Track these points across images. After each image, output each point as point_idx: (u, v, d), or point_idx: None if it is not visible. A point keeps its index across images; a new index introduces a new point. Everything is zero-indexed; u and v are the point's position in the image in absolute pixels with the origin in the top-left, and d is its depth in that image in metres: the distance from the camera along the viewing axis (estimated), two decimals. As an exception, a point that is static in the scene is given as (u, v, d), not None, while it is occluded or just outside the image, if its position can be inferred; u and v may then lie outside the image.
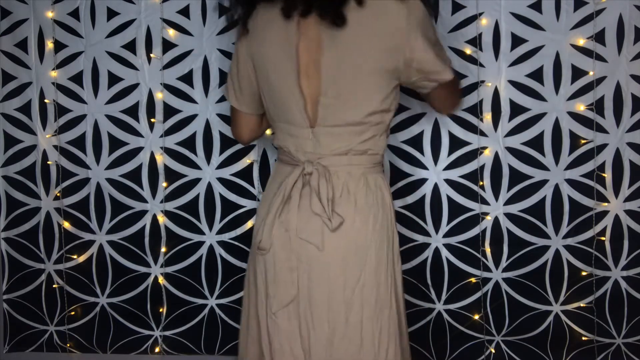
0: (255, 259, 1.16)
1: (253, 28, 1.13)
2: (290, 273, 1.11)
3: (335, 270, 1.10)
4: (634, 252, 1.53)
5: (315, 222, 1.09)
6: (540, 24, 1.47)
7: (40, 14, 1.59)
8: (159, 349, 1.67)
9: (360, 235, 1.10)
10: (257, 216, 1.19)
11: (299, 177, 1.11)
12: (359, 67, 1.07)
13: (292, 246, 1.10)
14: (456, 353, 1.59)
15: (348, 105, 1.08)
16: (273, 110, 1.15)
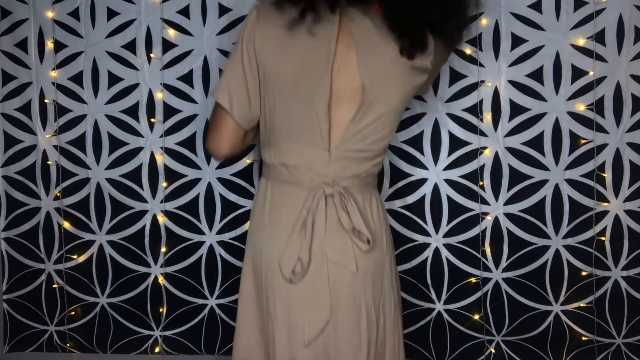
0: (269, 288, 1.11)
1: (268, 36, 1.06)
2: (321, 299, 1.08)
3: (365, 291, 1.10)
4: (634, 252, 1.53)
5: (346, 244, 1.08)
6: (540, 24, 1.47)
7: (40, 14, 1.59)
8: (159, 349, 1.67)
9: (380, 251, 1.12)
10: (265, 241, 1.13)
11: (321, 199, 1.08)
12: (392, 101, 1.08)
13: (322, 272, 1.08)
14: (456, 353, 1.60)
15: (374, 135, 1.09)
16: (281, 129, 1.09)
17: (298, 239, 1.08)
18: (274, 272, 1.10)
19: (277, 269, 1.09)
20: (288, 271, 1.07)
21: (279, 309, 1.10)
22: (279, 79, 1.06)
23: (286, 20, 1.03)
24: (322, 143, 1.08)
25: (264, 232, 1.13)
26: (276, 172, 1.13)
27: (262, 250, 1.13)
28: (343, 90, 1.06)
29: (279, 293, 1.10)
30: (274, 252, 1.10)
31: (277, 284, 1.10)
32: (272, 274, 1.11)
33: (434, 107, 1.53)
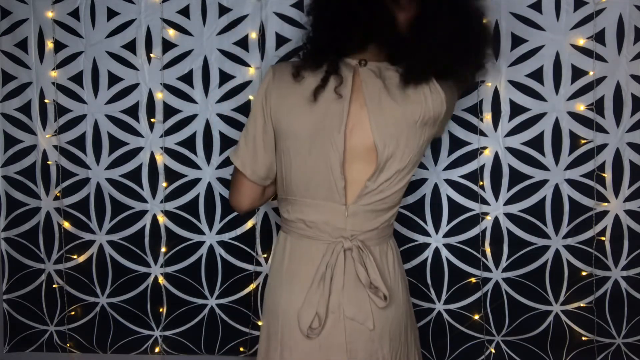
0: (285, 344, 1.10)
1: (283, 96, 1.09)
2: (339, 355, 1.08)
3: (383, 348, 1.10)
4: (634, 252, 1.53)
5: (363, 300, 1.08)
6: (540, 24, 1.47)
7: (40, 14, 1.59)
8: (159, 349, 1.67)
9: (397, 306, 1.12)
10: (283, 296, 1.12)
11: (340, 253, 1.08)
12: (406, 158, 1.09)
13: (339, 328, 1.07)
14: (456, 353, 1.60)
15: (390, 190, 1.10)
16: (298, 186, 1.10)
17: (316, 293, 1.07)
18: (292, 326, 1.09)
19: (295, 323, 1.09)
20: (306, 326, 1.07)
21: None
22: (294, 138, 1.08)
23: (307, 90, 1.07)
24: (339, 199, 1.09)
25: (283, 286, 1.13)
26: (295, 226, 1.13)
27: (279, 305, 1.12)
28: (358, 148, 1.07)
29: (296, 349, 1.09)
30: (292, 306, 1.10)
31: (294, 339, 1.09)
32: (290, 328, 1.10)
33: (434, 107, 1.53)
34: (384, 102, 1.06)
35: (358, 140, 1.07)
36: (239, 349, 1.65)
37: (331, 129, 1.06)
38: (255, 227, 1.61)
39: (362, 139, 1.07)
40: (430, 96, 1.07)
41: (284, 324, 1.11)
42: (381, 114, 1.06)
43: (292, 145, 1.09)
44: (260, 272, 1.62)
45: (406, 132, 1.07)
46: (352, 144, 1.07)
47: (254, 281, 1.62)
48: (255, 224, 1.61)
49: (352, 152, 1.07)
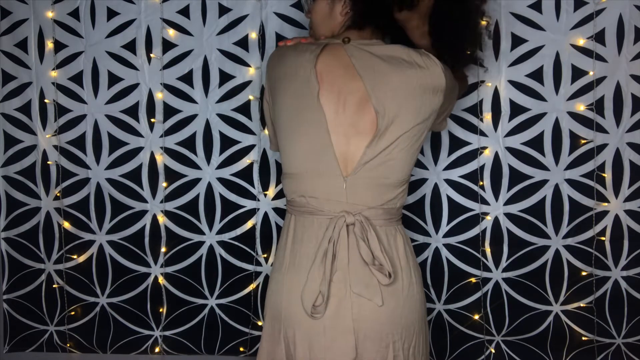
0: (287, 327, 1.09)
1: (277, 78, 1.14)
2: (346, 336, 1.05)
3: (393, 329, 1.07)
4: (634, 252, 1.53)
5: (370, 275, 1.06)
6: (540, 24, 1.47)
7: (40, 14, 1.59)
8: (159, 349, 1.67)
9: (410, 293, 1.10)
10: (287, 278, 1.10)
11: (342, 228, 1.07)
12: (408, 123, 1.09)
13: (346, 305, 1.05)
14: (456, 353, 1.60)
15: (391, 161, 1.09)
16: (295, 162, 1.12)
17: (319, 270, 1.06)
18: (296, 307, 1.08)
19: (298, 303, 1.07)
20: (309, 305, 1.05)
21: (299, 348, 1.08)
22: (284, 112, 1.12)
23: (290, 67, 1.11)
24: (336, 171, 1.08)
25: (285, 266, 1.12)
26: (297, 204, 1.13)
27: (283, 286, 1.11)
28: (356, 119, 1.08)
29: (300, 330, 1.08)
30: (295, 285, 1.08)
31: (297, 320, 1.08)
32: (294, 309, 1.08)
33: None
34: (377, 67, 1.08)
35: (358, 111, 1.08)
36: (239, 349, 1.65)
37: (309, 100, 1.08)
38: (255, 227, 1.61)
39: (362, 108, 1.08)
40: (424, 62, 1.09)
41: (287, 305, 1.09)
42: (377, 80, 1.07)
43: (284, 119, 1.12)
44: (260, 272, 1.62)
45: (406, 95, 1.07)
46: (347, 115, 1.08)
47: (254, 281, 1.62)
48: (255, 224, 1.61)
49: (349, 124, 1.08)
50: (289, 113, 1.11)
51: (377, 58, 1.10)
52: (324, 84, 1.08)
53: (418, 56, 1.10)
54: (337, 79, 1.08)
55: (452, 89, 1.14)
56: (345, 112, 1.08)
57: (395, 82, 1.08)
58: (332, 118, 1.07)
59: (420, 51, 1.11)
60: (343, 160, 1.08)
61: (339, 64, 1.10)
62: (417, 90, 1.08)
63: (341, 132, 1.08)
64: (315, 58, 1.09)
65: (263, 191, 1.60)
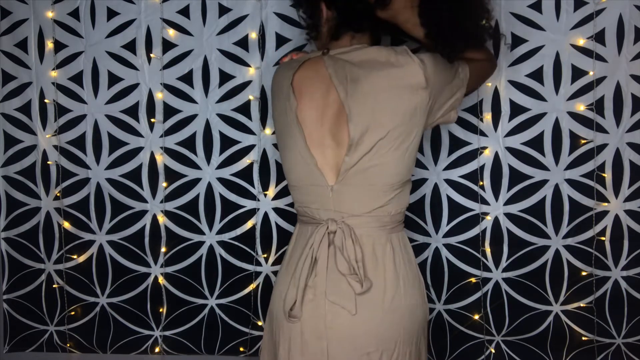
0: (277, 327, 1.12)
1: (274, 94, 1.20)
2: (319, 342, 1.06)
3: (368, 340, 1.06)
4: (634, 252, 1.53)
5: (346, 284, 1.06)
6: (540, 24, 1.47)
7: (40, 14, 1.59)
8: (159, 349, 1.67)
9: (393, 303, 1.07)
10: (281, 281, 1.15)
11: (324, 236, 1.08)
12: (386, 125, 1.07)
13: (320, 311, 1.06)
14: (456, 353, 1.60)
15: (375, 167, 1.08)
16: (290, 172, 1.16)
17: (301, 275, 1.08)
18: (279, 310, 1.12)
19: (280, 306, 1.12)
20: (287, 309, 1.09)
21: (281, 349, 1.11)
22: (277, 129, 1.19)
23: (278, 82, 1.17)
24: (321, 180, 1.11)
25: (282, 271, 1.18)
26: (300, 213, 1.19)
27: (276, 289, 1.16)
28: (337, 131, 1.09)
29: (282, 332, 1.11)
30: (283, 289, 1.13)
31: (281, 323, 1.11)
32: (280, 312, 1.12)
33: (434, 107, 1.53)
34: (350, 75, 1.08)
35: (334, 122, 1.09)
36: (239, 349, 1.65)
37: (290, 116, 1.12)
38: (255, 227, 1.61)
39: (338, 118, 1.09)
40: (399, 60, 1.07)
41: (277, 309, 1.13)
42: (350, 87, 1.07)
43: (277, 135, 1.19)
44: (260, 272, 1.62)
45: (377, 99, 1.06)
46: (326, 128, 1.10)
47: (254, 281, 1.62)
48: (255, 224, 1.61)
49: (330, 135, 1.09)
50: (279, 129, 1.17)
51: (351, 65, 1.09)
52: (304, 99, 1.11)
53: (393, 55, 1.08)
54: (315, 93, 1.11)
55: (443, 81, 1.11)
56: (324, 125, 1.10)
57: (366, 87, 1.06)
58: (312, 131, 1.10)
59: (397, 49, 1.09)
60: (328, 170, 1.10)
61: (318, 77, 1.11)
62: (390, 92, 1.06)
63: (323, 144, 1.10)
64: (292, 75, 1.13)
65: (263, 191, 1.60)
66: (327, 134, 1.10)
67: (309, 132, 1.10)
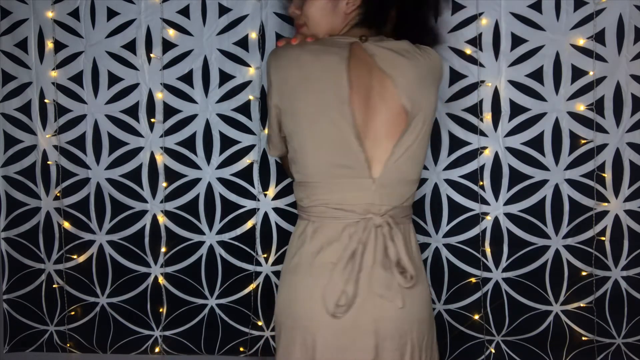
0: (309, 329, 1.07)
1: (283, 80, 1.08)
2: (366, 336, 1.05)
3: (412, 330, 1.08)
4: (634, 252, 1.53)
5: (392, 277, 1.06)
6: (540, 24, 1.47)
7: (40, 14, 1.59)
8: (159, 349, 1.67)
9: (423, 287, 1.12)
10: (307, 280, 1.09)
11: (369, 230, 1.06)
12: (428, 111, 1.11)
13: (367, 306, 1.05)
14: (456, 353, 1.60)
15: (414, 158, 1.10)
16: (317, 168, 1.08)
17: (344, 271, 1.05)
18: (316, 310, 1.07)
19: (319, 305, 1.06)
20: (332, 304, 1.05)
21: (319, 350, 1.07)
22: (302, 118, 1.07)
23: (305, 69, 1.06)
24: (364, 173, 1.07)
25: (303, 272, 1.10)
26: (316, 211, 1.11)
27: (302, 292, 1.10)
28: (386, 120, 1.07)
29: (320, 333, 1.07)
30: (316, 289, 1.07)
31: (317, 324, 1.07)
32: (314, 313, 1.07)
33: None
34: (397, 63, 1.08)
35: (384, 111, 1.07)
36: (239, 349, 1.65)
37: (338, 105, 1.05)
38: (255, 227, 1.61)
39: (389, 107, 1.07)
40: (427, 53, 1.12)
41: (308, 309, 1.08)
42: (401, 75, 1.07)
43: (305, 126, 1.07)
44: (260, 272, 1.62)
45: (422, 88, 1.09)
46: (376, 117, 1.06)
47: (254, 281, 1.62)
48: (255, 224, 1.61)
49: (378, 125, 1.07)
50: (312, 119, 1.06)
51: (394, 53, 1.08)
52: (353, 87, 1.05)
53: (417, 48, 1.12)
54: (363, 80, 1.06)
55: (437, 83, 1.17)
56: (374, 114, 1.06)
57: (410, 76, 1.08)
58: (361, 121, 1.06)
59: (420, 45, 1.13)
60: (372, 162, 1.07)
61: (362, 65, 1.07)
62: (426, 81, 1.10)
63: (370, 135, 1.06)
64: (347, 60, 1.06)
65: (263, 191, 1.60)
66: (375, 124, 1.06)
67: (356, 122, 1.05)
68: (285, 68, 1.07)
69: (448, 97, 1.52)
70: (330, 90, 1.05)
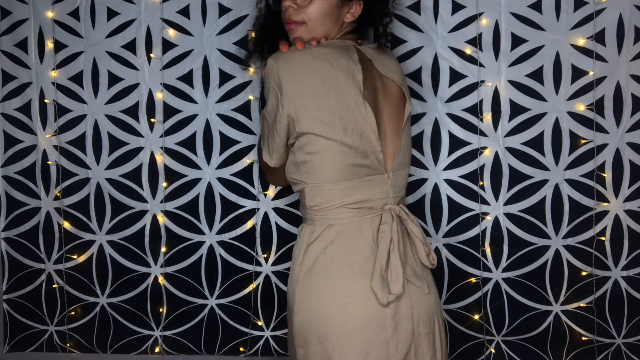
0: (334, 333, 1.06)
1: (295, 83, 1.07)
2: (405, 322, 1.08)
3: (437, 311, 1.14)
4: (634, 252, 1.53)
5: (415, 264, 1.12)
6: (540, 24, 1.47)
7: (40, 14, 1.59)
8: (159, 349, 1.67)
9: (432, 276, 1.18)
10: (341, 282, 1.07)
11: (392, 221, 1.10)
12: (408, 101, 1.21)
13: (404, 293, 1.07)
14: (456, 353, 1.59)
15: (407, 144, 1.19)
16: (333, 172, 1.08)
17: (386, 262, 1.07)
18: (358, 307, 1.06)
19: (367, 299, 1.05)
20: (384, 295, 1.05)
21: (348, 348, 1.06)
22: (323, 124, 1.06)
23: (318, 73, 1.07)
24: (381, 169, 1.12)
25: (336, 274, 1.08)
26: (336, 212, 1.10)
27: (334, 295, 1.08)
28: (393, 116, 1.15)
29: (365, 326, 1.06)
30: (356, 286, 1.07)
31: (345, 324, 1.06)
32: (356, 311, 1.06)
33: (434, 107, 1.53)
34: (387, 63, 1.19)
35: (390, 108, 1.14)
36: (239, 349, 1.65)
37: (356, 106, 1.07)
38: (255, 227, 1.61)
39: (394, 105, 1.15)
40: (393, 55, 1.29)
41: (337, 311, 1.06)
42: (395, 73, 1.18)
43: (320, 130, 1.06)
44: (260, 272, 1.62)
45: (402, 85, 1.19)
46: (380, 112, 1.12)
47: (254, 281, 1.62)
48: (255, 224, 1.61)
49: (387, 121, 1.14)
50: (332, 122, 1.06)
51: (383, 55, 1.19)
52: (366, 88, 1.10)
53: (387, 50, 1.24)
54: (370, 81, 1.12)
55: None
56: (382, 112, 1.13)
57: (400, 73, 1.20)
58: (376, 120, 1.10)
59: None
60: (386, 158, 1.13)
61: (367, 66, 1.13)
62: (404, 79, 1.22)
63: (381, 133, 1.12)
64: (359, 63, 1.10)
65: (263, 191, 1.60)
66: (381, 122, 1.12)
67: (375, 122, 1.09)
68: (300, 77, 1.06)
69: (448, 97, 1.52)
70: (347, 91, 1.07)
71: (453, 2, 1.48)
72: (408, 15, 1.50)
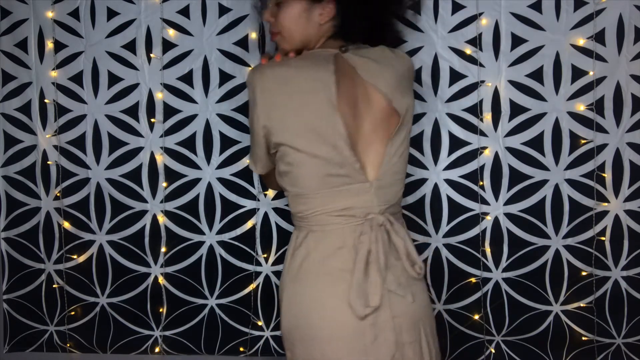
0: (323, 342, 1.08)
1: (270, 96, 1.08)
2: (387, 333, 1.07)
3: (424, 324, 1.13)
4: (634, 252, 1.53)
5: (400, 273, 1.10)
6: (540, 24, 1.47)
7: (40, 14, 1.59)
8: (159, 349, 1.67)
9: (424, 281, 1.16)
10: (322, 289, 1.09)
11: (378, 230, 1.09)
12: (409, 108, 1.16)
13: (385, 303, 1.07)
14: (456, 353, 1.59)
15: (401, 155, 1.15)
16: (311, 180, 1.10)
17: (361, 272, 1.06)
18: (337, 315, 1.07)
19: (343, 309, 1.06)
20: (361, 307, 1.06)
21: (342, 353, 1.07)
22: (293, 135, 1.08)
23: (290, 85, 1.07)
24: (360, 178, 1.10)
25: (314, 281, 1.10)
26: (318, 219, 1.12)
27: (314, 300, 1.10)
28: (377, 126, 1.11)
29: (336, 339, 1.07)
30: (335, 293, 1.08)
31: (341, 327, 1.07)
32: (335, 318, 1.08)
33: (434, 107, 1.53)
34: (377, 70, 1.13)
35: (372, 119, 1.11)
36: (239, 349, 1.65)
37: (328, 115, 1.06)
38: (255, 227, 1.61)
39: (378, 114, 1.11)
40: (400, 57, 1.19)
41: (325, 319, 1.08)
42: (383, 81, 1.12)
43: (294, 142, 1.08)
44: (260, 272, 1.62)
45: (402, 88, 1.15)
46: (360, 121, 1.10)
47: (254, 281, 1.62)
48: (255, 224, 1.61)
49: (363, 129, 1.10)
50: (305, 134, 1.07)
51: (374, 62, 1.13)
52: (341, 98, 1.07)
53: (389, 50, 1.17)
54: (349, 90, 1.09)
55: None
56: (362, 121, 1.10)
57: (393, 79, 1.13)
58: (352, 130, 1.08)
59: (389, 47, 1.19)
60: (366, 167, 1.10)
61: (346, 76, 1.10)
62: (405, 82, 1.16)
63: (361, 141, 1.09)
64: (334, 74, 1.07)
65: (263, 191, 1.60)
66: (361, 131, 1.10)
67: (347, 132, 1.07)
68: (273, 90, 1.08)
69: (448, 97, 1.52)
70: (320, 103, 1.07)
71: (453, 2, 1.48)
72: (408, 16, 1.50)
